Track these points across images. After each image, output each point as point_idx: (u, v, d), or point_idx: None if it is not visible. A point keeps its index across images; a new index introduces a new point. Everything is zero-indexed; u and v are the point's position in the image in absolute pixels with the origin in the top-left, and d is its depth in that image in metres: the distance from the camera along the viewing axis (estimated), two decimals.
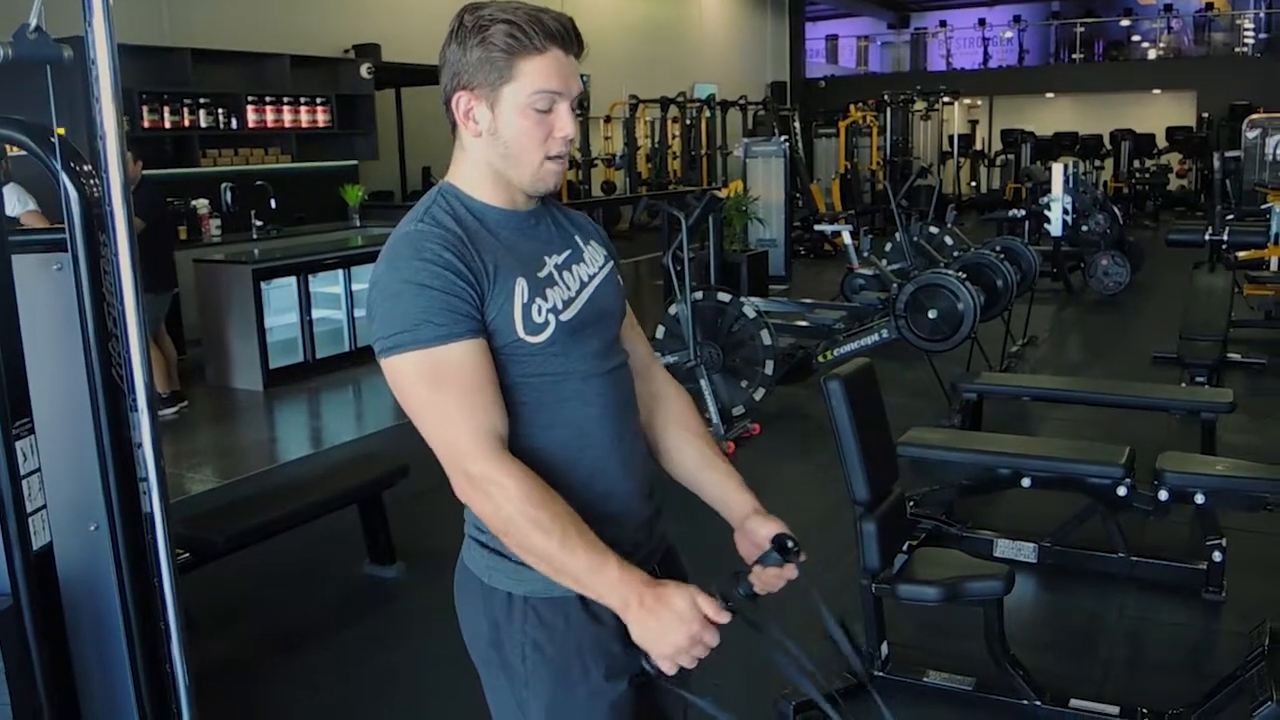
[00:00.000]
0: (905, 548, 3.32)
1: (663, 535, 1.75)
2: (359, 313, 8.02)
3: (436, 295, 1.47)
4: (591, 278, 1.66)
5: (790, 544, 1.64)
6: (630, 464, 1.66)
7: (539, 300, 1.56)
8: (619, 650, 1.58)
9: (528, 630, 1.57)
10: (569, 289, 1.61)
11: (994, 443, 4.52)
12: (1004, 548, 4.26)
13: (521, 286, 1.54)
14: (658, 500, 1.72)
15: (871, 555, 3.12)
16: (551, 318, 1.56)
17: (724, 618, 1.48)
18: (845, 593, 3.53)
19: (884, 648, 3.34)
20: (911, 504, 4.28)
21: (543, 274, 1.59)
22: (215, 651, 3.65)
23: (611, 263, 1.74)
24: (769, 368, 6.16)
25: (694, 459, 1.78)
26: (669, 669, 1.48)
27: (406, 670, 3.55)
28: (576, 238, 1.70)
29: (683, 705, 1.80)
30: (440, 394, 1.47)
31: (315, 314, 7.81)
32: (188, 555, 3.54)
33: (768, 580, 1.63)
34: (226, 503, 4.23)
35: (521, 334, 1.53)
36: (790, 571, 1.64)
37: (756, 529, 1.69)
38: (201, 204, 8.90)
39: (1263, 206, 10.28)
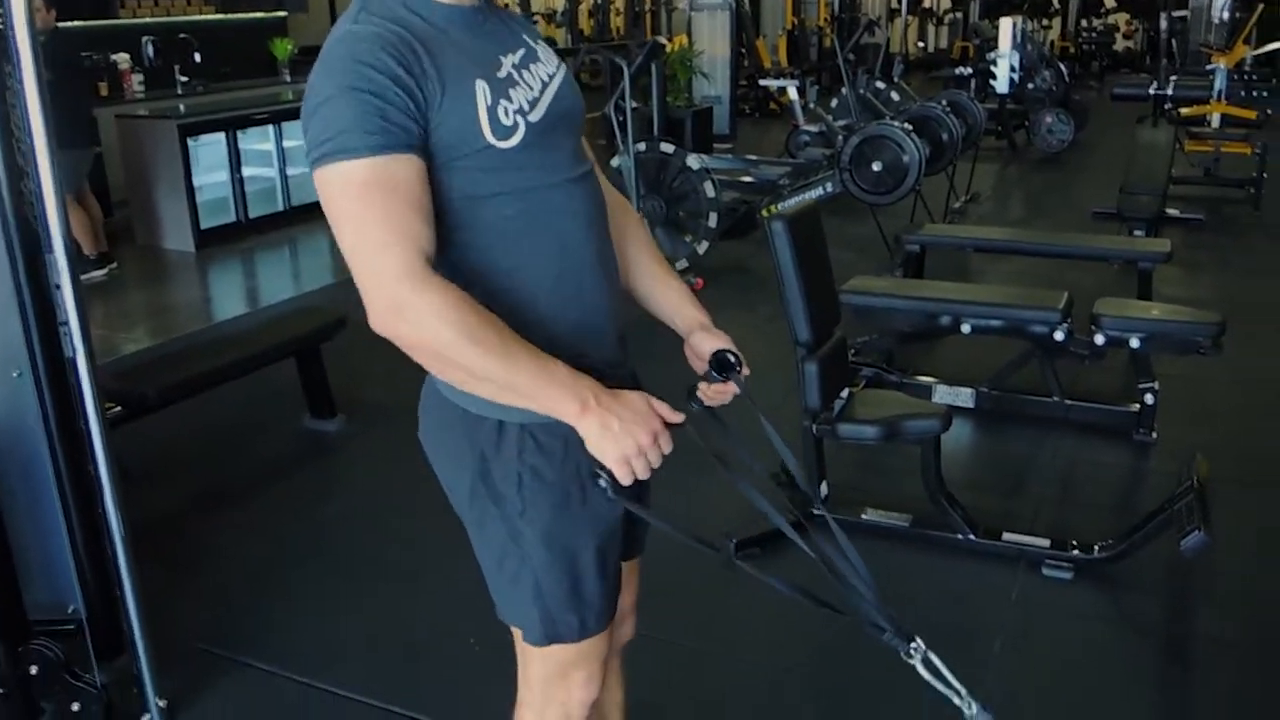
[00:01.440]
0: (845, 393, 3.34)
1: (630, 364, 1.70)
2: (292, 171, 7.79)
3: (370, 102, 1.35)
4: (551, 77, 1.56)
5: (731, 359, 1.63)
6: (609, 278, 1.59)
7: (503, 102, 1.45)
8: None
9: (525, 458, 1.51)
10: (532, 89, 1.50)
11: (935, 290, 4.54)
12: (942, 393, 4.31)
13: (482, 88, 1.43)
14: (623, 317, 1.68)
15: (812, 395, 3.13)
16: (519, 119, 1.45)
17: (678, 418, 1.46)
18: (788, 436, 3.56)
19: (823, 487, 3.39)
20: (853, 352, 4.30)
21: (502, 74, 1.48)
22: (154, 505, 3.62)
23: (563, 64, 1.63)
24: (712, 220, 6.10)
25: (645, 272, 1.73)
26: (625, 477, 1.43)
27: (349, 519, 3.55)
28: (525, 36, 1.59)
29: (646, 528, 1.79)
30: (367, 209, 1.36)
31: (246, 172, 7.56)
32: (119, 409, 3.46)
33: (714, 396, 1.64)
34: (159, 356, 4.13)
35: (490, 139, 1.42)
36: (732, 387, 1.63)
37: (700, 344, 1.68)
38: (122, 58, 8.47)
39: (1207, 68, 10.26)
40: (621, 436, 1.41)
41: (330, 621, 2.99)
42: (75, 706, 2.51)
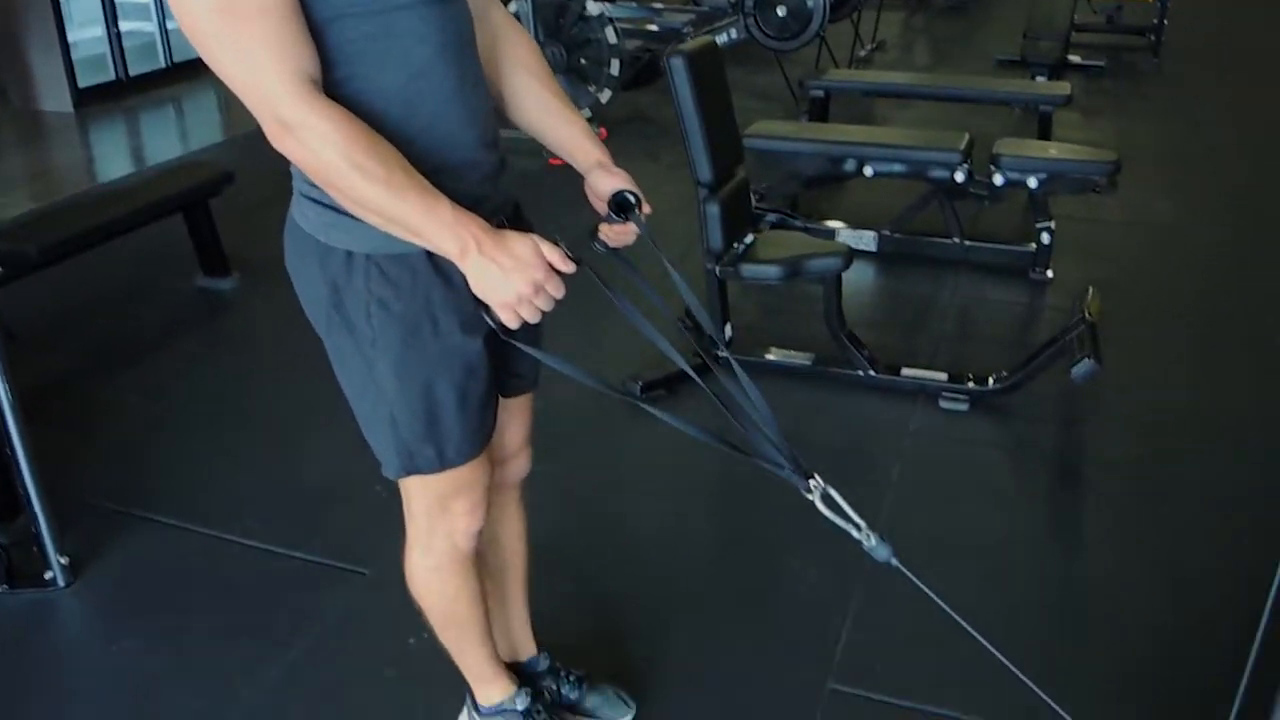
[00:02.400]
0: (749, 237, 3.33)
1: (509, 192, 1.65)
2: (172, 24, 7.37)
3: None
4: None
5: (631, 199, 1.58)
6: (472, 110, 1.50)
7: None
8: (470, 308, 1.51)
9: (371, 288, 1.47)
10: None
11: (839, 133, 4.53)
12: (845, 236, 4.34)
13: None
14: (502, 152, 1.61)
15: (715, 236, 3.12)
16: None
17: (569, 266, 1.42)
18: (693, 284, 3.57)
19: (728, 330, 3.41)
20: (757, 198, 4.29)
21: None
22: (47, 366, 3.50)
23: None
24: (614, 68, 5.96)
25: (538, 104, 1.66)
26: (510, 321, 1.42)
27: (248, 375, 3.49)
28: None
29: (535, 366, 1.78)
30: (238, 27, 1.27)
31: (124, 26, 7.14)
32: (0, 269, 3.31)
33: (615, 237, 1.60)
34: (40, 215, 3.95)
35: None
36: (632, 228, 1.59)
37: (599, 183, 1.62)
38: None
39: None
40: (505, 282, 1.38)
41: (233, 476, 2.96)
42: None
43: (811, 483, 1.46)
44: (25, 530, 2.55)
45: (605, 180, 1.62)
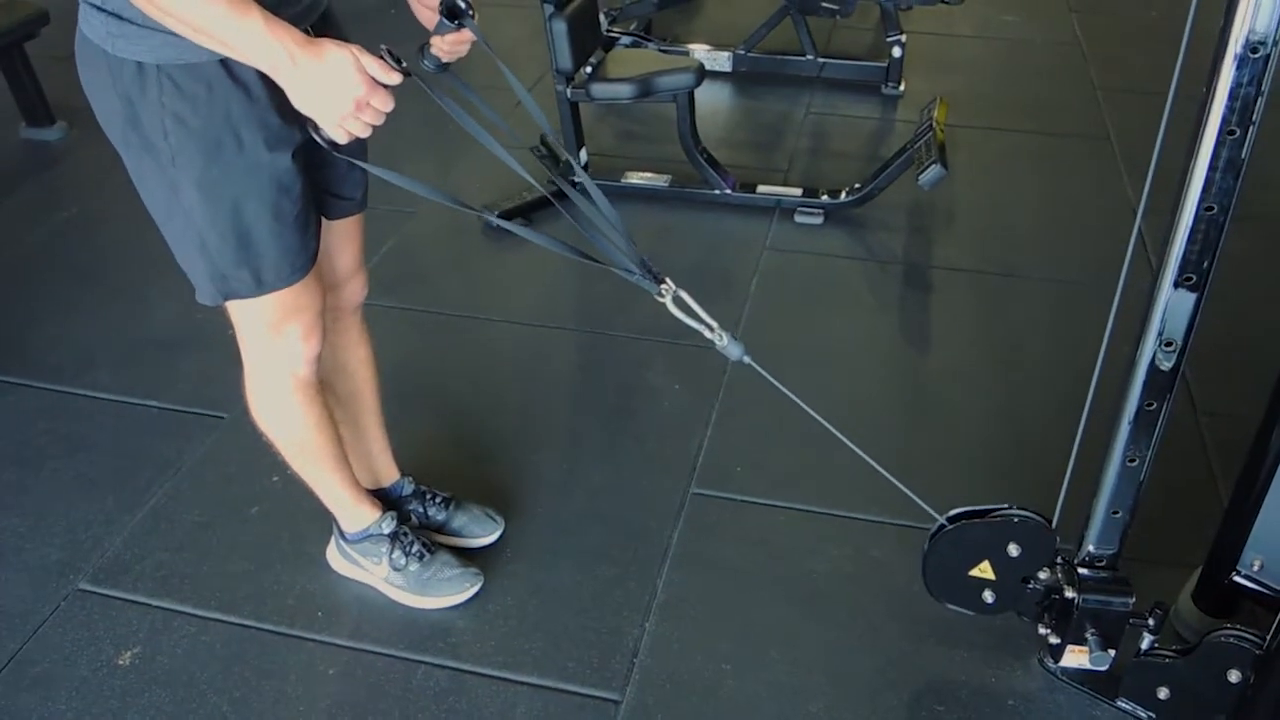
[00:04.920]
0: (599, 57, 3.26)
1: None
2: None
3: None
4: None
5: (462, 3, 1.51)
6: None
7: None
8: (276, 122, 1.45)
9: (165, 102, 1.39)
10: None
11: None
12: (700, 57, 4.27)
13: None
14: None
15: (563, 56, 3.04)
16: None
17: (394, 78, 1.36)
18: (546, 113, 3.49)
19: (583, 154, 3.37)
20: (609, 20, 4.18)
21: None
22: None
23: None
24: None
25: None
26: (341, 138, 1.37)
27: (83, 226, 3.31)
28: None
29: (361, 178, 1.73)
30: None
31: None
32: None
33: (449, 49, 1.53)
34: None
35: None
36: (467, 34, 1.52)
37: None
38: None
39: None
40: (325, 97, 1.33)
41: (79, 329, 2.85)
42: None
43: (662, 287, 1.47)
44: None
45: None
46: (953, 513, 1.75)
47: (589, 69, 3.21)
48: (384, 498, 2.08)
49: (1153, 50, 4.24)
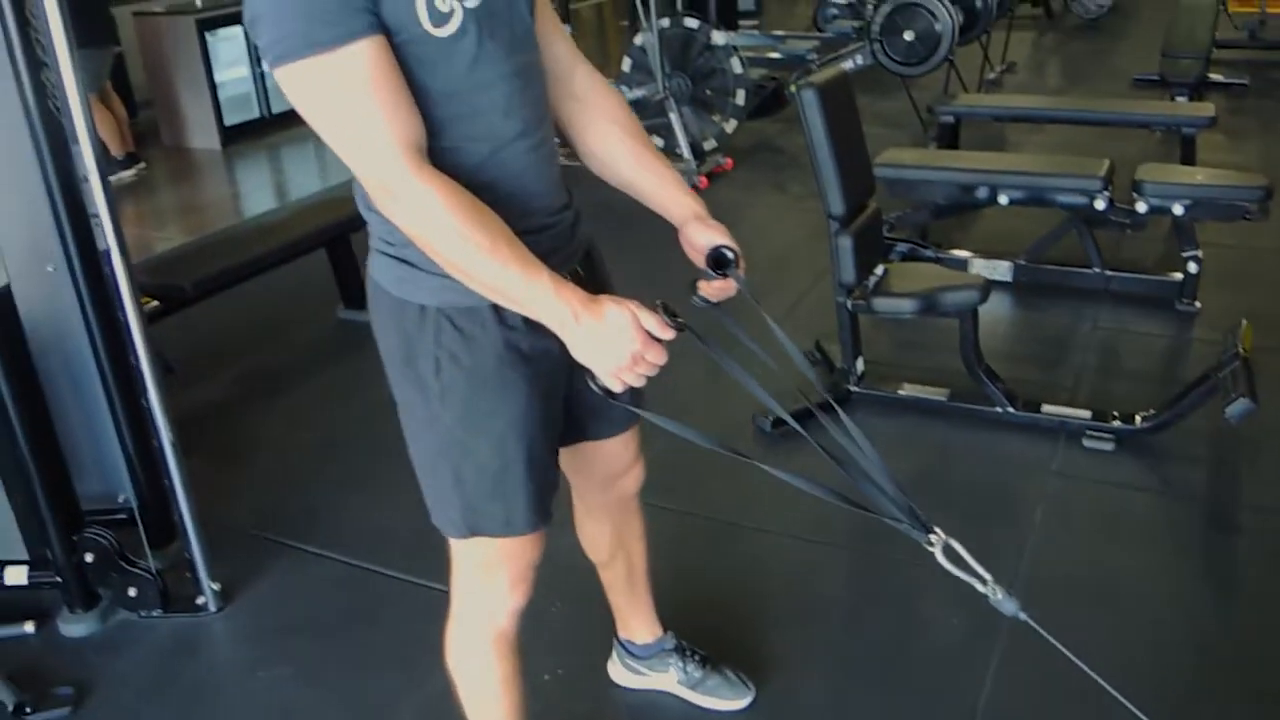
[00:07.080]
0: (880, 269, 3.29)
1: (584, 238, 1.65)
2: None
3: None
4: None
5: (728, 254, 1.56)
6: (546, 179, 1.53)
7: None
8: (545, 367, 1.53)
9: (442, 340, 1.48)
10: None
11: (971, 160, 4.45)
12: (979, 267, 4.25)
13: None
14: (576, 206, 1.63)
15: (847, 270, 3.09)
16: (457, 5, 1.35)
17: (669, 334, 1.40)
18: (822, 314, 3.54)
19: (859, 364, 3.37)
20: (886, 228, 4.24)
21: None
22: (200, 396, 3.67)
23: None
24: (740, 98, 5.97)
25: (631, 161, 1.64)
26: (617, 388, 1.42)
27: (389, 404, 3.57)
28: None
29: (625, 419, 1.79)
30: (347, 102, 1.29)
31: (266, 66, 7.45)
32: (157, 303, 3.48)
33: (715, 293, 1.57)
34: (193, 251, 4.14)
35: (426, 26, 1.33)
36: (731, 284, 1.56)
37: (696, 236, 1.59)
38: None
39: None
40: (604, 352, 1.38)
41: (376, 506, 3.03)
42: (132, 591, 2.58)
43: (933, 537, 1.43)
44: (179, 556, 2.67)
45: (702, 234, 1.59)
46: None
47: (871, 280, 3.24)
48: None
49: None
